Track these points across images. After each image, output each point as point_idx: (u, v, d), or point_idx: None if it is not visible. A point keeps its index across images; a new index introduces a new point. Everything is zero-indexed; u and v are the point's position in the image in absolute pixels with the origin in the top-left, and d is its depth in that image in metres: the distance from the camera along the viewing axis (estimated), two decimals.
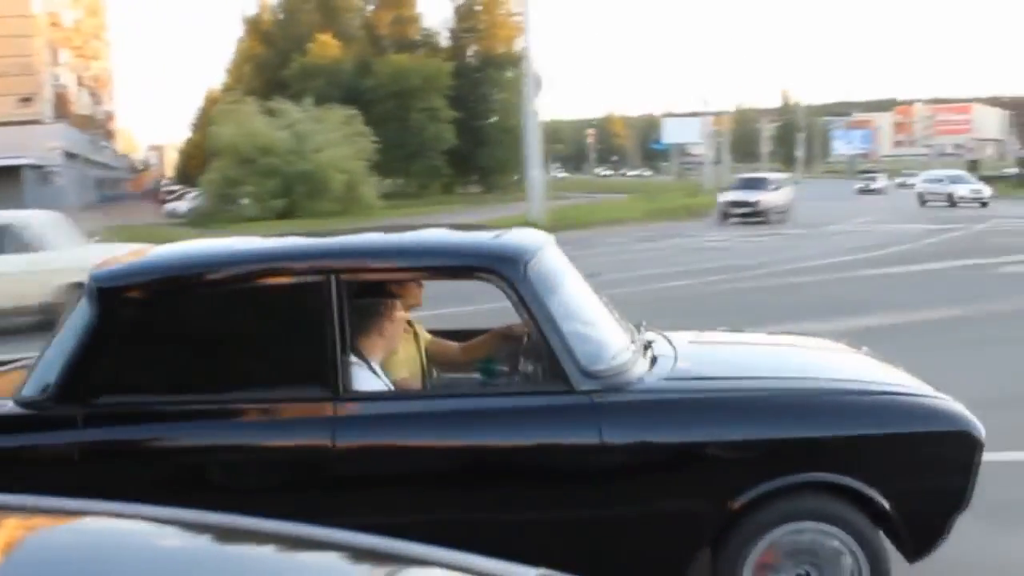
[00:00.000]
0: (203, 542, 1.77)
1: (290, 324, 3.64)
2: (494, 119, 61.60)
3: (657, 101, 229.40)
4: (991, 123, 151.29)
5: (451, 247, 4.03)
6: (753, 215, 31.66)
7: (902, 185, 61.97)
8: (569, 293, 3.77)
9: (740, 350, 4.61)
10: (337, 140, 42.22)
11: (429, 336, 4.52)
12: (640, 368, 3.65)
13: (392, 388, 3.84)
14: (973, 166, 63.21)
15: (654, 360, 3.79)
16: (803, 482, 3.47)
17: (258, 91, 49.98)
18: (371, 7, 68.68)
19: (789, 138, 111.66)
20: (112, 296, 3.60)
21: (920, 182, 47.40)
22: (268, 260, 3.82)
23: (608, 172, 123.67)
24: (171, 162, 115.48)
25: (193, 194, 50.40)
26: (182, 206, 49.23)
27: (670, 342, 4.07)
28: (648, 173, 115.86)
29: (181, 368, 3.66)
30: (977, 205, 40.32)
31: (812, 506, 3.48)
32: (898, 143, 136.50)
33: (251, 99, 44.56)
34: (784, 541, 3.47)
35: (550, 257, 3.81)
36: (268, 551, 1.77)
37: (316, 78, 54.17)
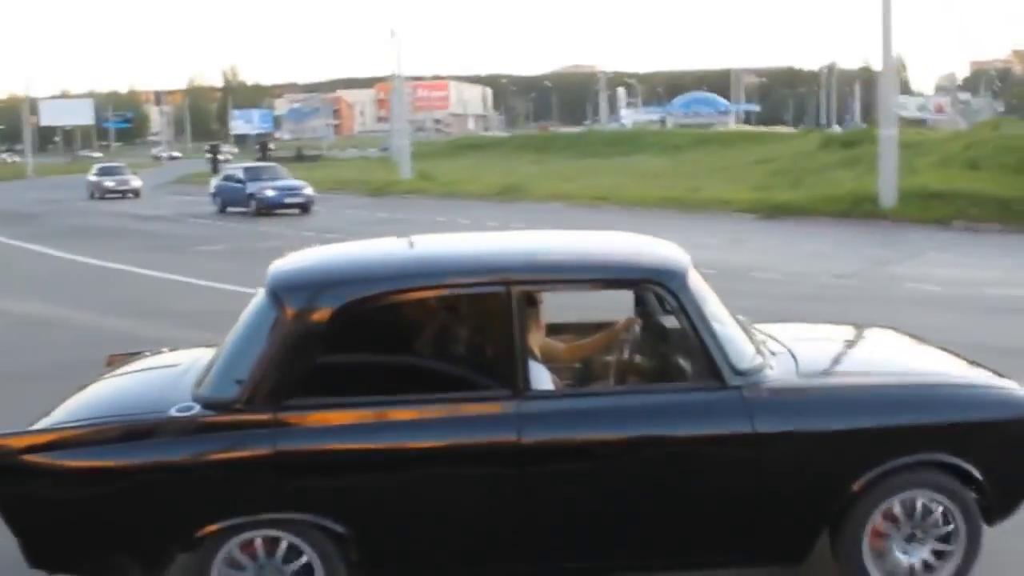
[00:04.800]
0: None
1: (475, 329, 4.08)
2: None
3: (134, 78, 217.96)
4: (473, 99, 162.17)
5: (621, 262, 4.34)
6: None
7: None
8: (711, 302, 4.17)
9: (842, 345, 4.99)
10: None
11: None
12: (771, 365, 4.13)
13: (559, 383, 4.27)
14: (263, 150, 57.57)
15: (774, 358, 4.26)
16: (917, 461, 4.01)
17: None
18: None
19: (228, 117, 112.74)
20: (303, 299, 3.89)
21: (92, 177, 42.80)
22: (454, 271, 4.11)
23: None
24: None
25: None
26: None
27: (778, 340, 4.56)
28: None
29: (368, 371, 3.97)
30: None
31: (920, 479, 4.04)
32: (380, 119, 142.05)
33: None
34: (896, 510, 4.04)
35: (695, 272, 4.19)
36: None
37: None
